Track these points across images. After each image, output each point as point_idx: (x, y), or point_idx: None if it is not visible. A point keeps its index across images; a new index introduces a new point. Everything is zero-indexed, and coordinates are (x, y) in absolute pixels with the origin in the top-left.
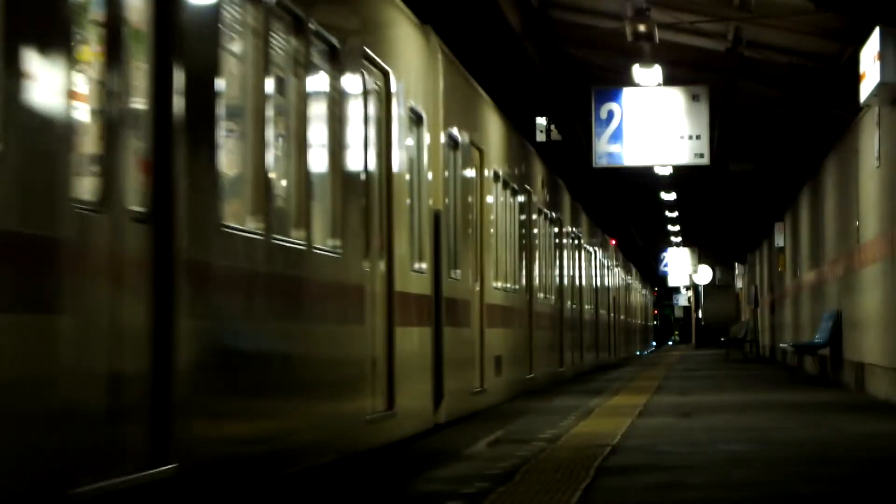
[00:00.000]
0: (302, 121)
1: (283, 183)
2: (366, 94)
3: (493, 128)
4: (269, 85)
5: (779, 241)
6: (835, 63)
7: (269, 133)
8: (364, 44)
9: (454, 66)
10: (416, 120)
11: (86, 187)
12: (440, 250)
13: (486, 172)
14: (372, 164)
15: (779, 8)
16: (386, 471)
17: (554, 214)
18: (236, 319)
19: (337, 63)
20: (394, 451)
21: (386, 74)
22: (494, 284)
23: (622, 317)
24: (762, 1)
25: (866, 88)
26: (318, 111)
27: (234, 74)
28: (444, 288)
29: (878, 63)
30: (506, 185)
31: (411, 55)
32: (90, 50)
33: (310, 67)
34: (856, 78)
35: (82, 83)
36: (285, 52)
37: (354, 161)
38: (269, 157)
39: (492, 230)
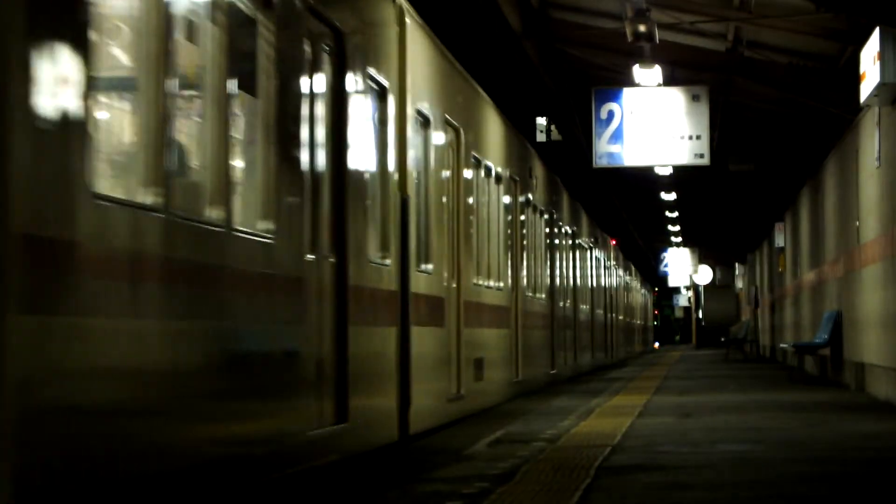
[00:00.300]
0: (221, 74)
1: (194, 148)
2: (314, 53)
3: (475, 108)
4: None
5: (779, 241)
6: (835, 63)
7: (172, 84)
8: None
9: (428, 37)
10: (377, 91)
11: None
12: (408, 241)
13: (465, 156)
14: (320, 137)
15: (779, 8)
16: (386, 471)
17: (546, 208)
18: (111, 315)
19: (277, 16)
20: (394, 451)
21: (339, 35)
22: (475, 281)
23: (621, 317)
24: (762, 1)
25: (866, 89)
26: (246, 67)
27: None
28: (412, 283)
29: (878, 63)
30: (489, 173)
31: (371, 15)
32: None
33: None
34: (856, 78)
35: None
36: None
37: (295, 131)
38: (172, 113)
39: (472, 221)
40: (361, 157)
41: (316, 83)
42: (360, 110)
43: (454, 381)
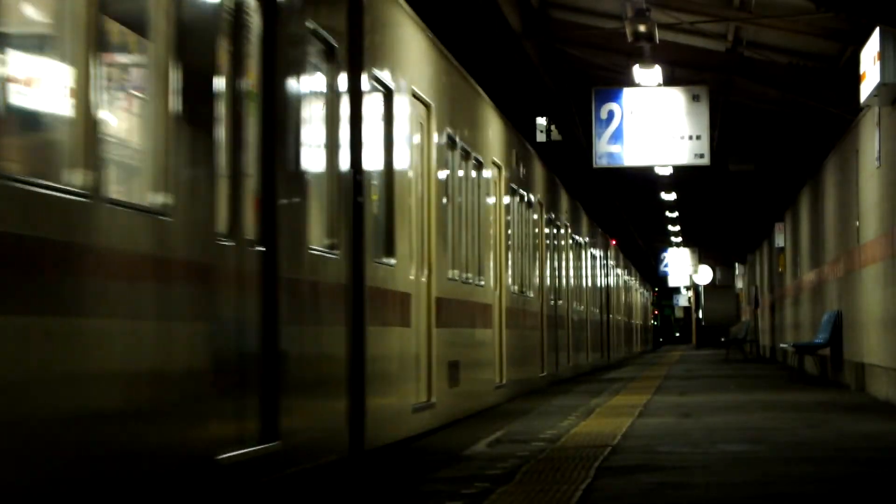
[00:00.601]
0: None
1: (40, 92)
2: None
3: (451, 84)
4: None
5: (779, 241)
6: (835, 63)
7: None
8: None
9: None
10: (322, 49)
11: None
12: (362, 227)
13: (436, 135)
14: (241, 100)
15: (779, 8)
16: (386, 471)
17: (534, 197)
18: None
19: None
20: (394, 451)
21: None
22: (449, 275)
23: (618, 316)
24: (762, 1)
25: (866, 89)
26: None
27: None
28: (368, 276)
29: (878, 63)
30: (467, 155)
31: None
32: None
33: None
34: (856, 78)
35: None
36: None
37: (204, 91)
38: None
39: (447, 209)
40: (301, 126)
41: (241, 32)
42: (296, 66)
43: (423, 388)
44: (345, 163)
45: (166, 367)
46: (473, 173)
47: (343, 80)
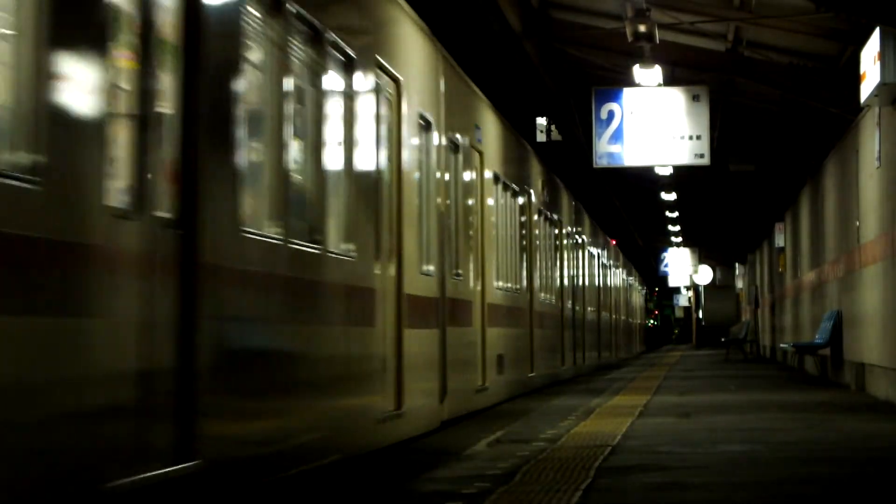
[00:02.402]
0: None
1: None
2: None
3: (425, 61)
4: None
5: (779, 241)
6: (835, 63)
7: None
8: None
9: None
10: None
11: None
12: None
13: (408, 114)
14: (156, 48)
15: (779, 8)
16: (386, 471)
17: (518, 187)
18: None
19: None
20: (395, 451)
21: None
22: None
23: (614, 315)
24: (762, 1)
25: (866, 89)
26: None
27: None
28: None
29: (878, 63)
30: (434, 129)
31: None
32: None
33: None
34: (856, 78)
35: None
36: None
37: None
38: None
39: (415, 194)
40: (232, 89)
41: None
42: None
43: (391, 396)
44: (282, 131)
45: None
46: (449, 155)
47: (276, 37)
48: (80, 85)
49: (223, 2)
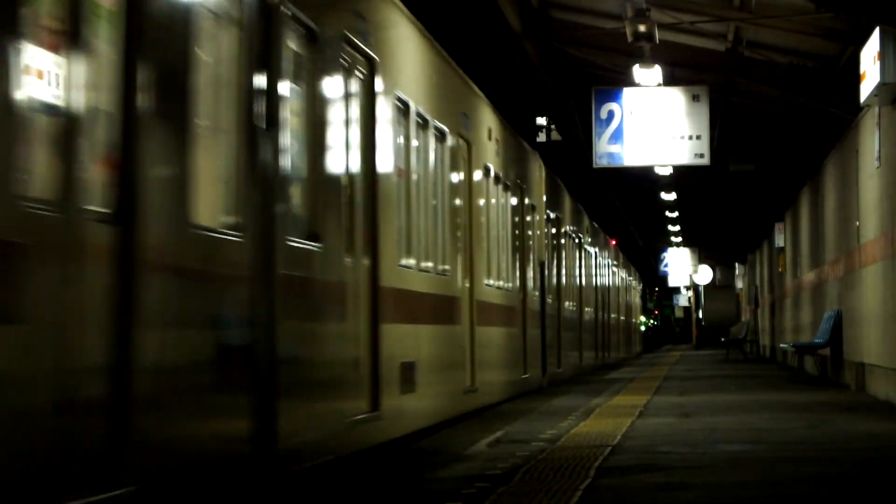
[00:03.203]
0: None
1: None
2: None
3: (402, 38)
4: None
5: (779, 241)
6: (835, 63)
7: None
8: None
9: None
10: None
11: None
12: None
13: (383, 94)
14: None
15: (779, 8)
16: (386, 471)
17: (507, 178)
18: None
19: None
20: (395, 451)
21: None
22: (403, 261)
23: (604, 314)
24: (762, 1)
25: (866, 88)
26: None
27: None
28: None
29: (878, 63)
30: (425, 124)
31: None
32: None
33: None
34: (856, 78)
35: None
36: None
37: None
38: None
39: (391, 180)
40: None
41: None
42: None
43: (366, 398)
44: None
45: None
46: (429, 141)
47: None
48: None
49: None
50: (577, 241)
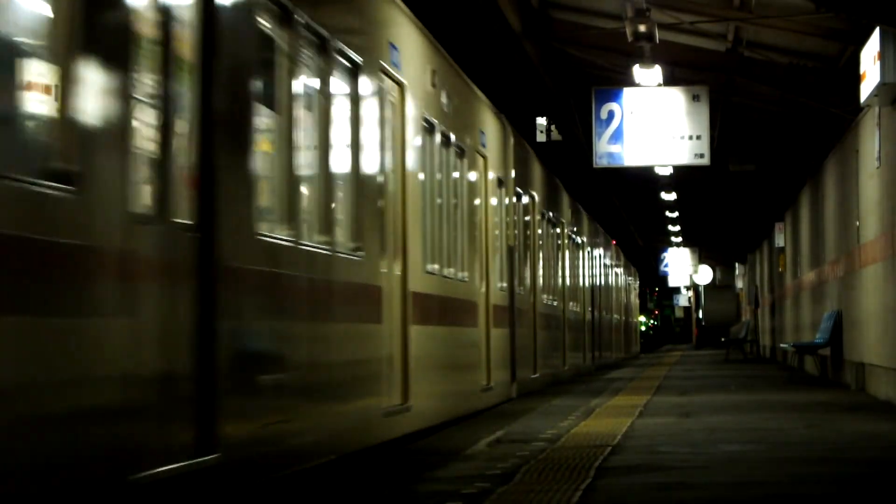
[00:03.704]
0: None
1: None
2: None
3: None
4: None
5: (779, 241)
6: (835, 63)
7: None
8: None
9: None
10: None
11: None
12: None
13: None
14: None
15: (779, 8)
16: (387, 471)
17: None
18: None
19: None
20: (395, 451)
21: None
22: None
23: (596, 311)
24: (762, 1)
25: (866, 89)
26: None
27: None
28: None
29: (878, 63)
30: (354, 69)
31: None
32: None
33: None
34: (856, 78)
35: None
36: None
37: None
38: None
39: (302, 142)
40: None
41: None
42: None
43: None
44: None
45: None
46: (353, 85)
47: None
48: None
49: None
50: (558, 226)
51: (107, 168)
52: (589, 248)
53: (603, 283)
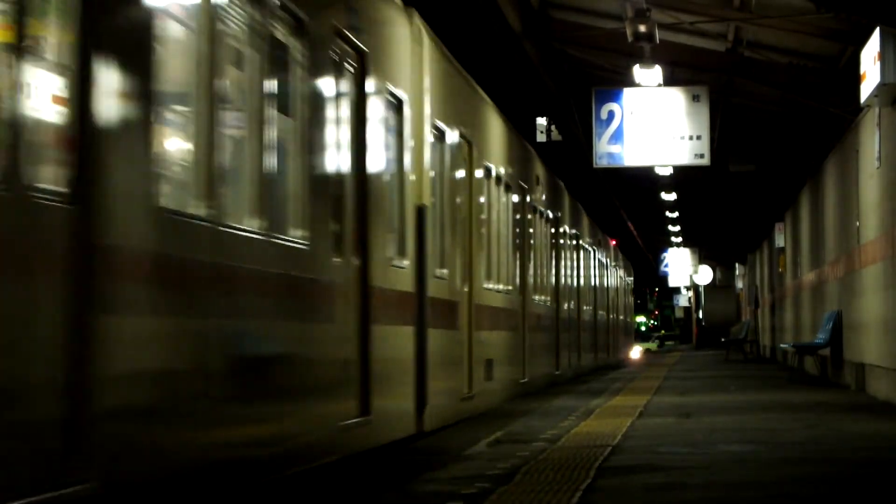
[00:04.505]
0: None
1: None
2: None
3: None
4: None
5: (779, 241)
6: (835, 63)
7: None
8: None
9: None
10: None
11: None
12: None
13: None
14: None
15: (779, 8)
16: (386, 471)
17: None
18: None
19: None
20: (394, 451)
21: None
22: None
23: (572, 305)
24: (762, 1)
25: (866, 89)
26: None
27: None
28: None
29: (878, 63)
30: (298, 25)
31: None
32: None
33: None
34: (856, 78)
35: None
36: None
37: None
38: None
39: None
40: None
41: None
42: None
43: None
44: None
45: None
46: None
47: None
48: None
49: None
50: (514, 192)
51: None
52: (563, 228)
53: (585, 274)
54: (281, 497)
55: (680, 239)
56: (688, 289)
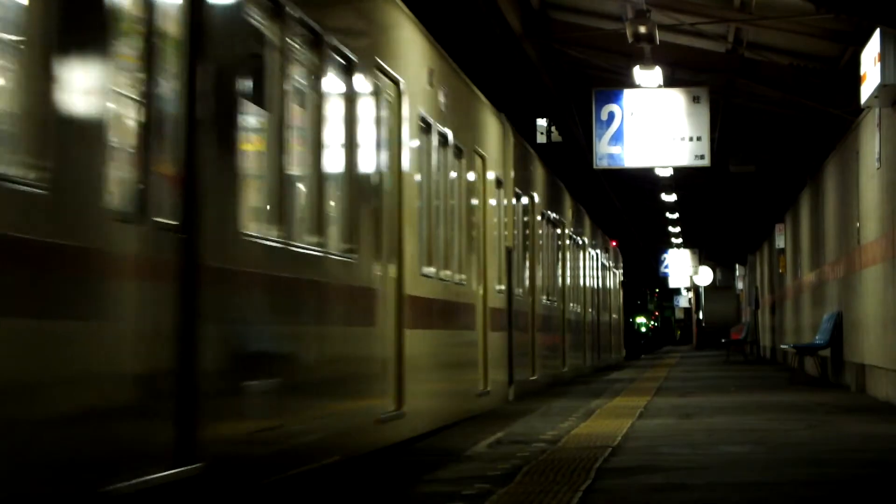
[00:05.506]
0: None
1: None
2: None
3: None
4: None
5: (779, 242)
6: (835, 64)
7: None
8: None
9: None
10: None
11: None
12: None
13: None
14: None
15: (779, 9)
16: (387, 472)
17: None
18: None
19: None
20: (394, 451)
21: None
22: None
23: (552, 300)
24: (762, 2)
25: (867, 90)
26: None
27: None
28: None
29: (878, 65)
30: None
31: None
32: None
33: None
34: (856, 79)
35: None
36: None
37: None
38: None
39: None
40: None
41: None
42: None
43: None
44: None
45: None
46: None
47: None
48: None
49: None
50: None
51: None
52: (542, 209)
53: (570, 266)
54: (281, 497)
55: (680, 240)
56: (688, 290)
